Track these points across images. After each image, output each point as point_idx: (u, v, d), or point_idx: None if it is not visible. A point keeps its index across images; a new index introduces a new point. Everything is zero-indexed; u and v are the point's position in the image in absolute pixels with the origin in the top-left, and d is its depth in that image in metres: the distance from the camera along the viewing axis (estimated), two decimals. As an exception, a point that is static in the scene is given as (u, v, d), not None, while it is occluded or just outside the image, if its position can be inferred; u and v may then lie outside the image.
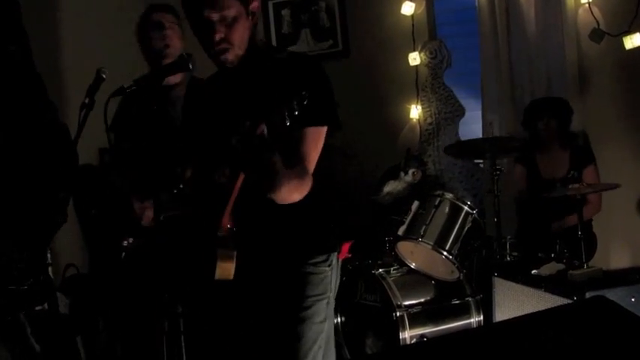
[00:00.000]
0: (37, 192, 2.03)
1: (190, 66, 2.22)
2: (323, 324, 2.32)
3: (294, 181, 2.13)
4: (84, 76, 2.62)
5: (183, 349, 2.37)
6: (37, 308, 2.22)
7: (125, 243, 3.01)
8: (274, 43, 5.31)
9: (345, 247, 2.42)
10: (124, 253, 2.95)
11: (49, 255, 2.21)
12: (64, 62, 4.71)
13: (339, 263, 2.43)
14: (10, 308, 2.04)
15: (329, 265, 2.33)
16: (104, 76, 2.47)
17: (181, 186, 2.63)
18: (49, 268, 2.28)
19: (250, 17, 2.25)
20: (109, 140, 2.16)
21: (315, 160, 2.22)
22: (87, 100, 2.41)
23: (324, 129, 2.23)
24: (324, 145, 2.28)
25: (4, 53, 1.96)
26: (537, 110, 4.36)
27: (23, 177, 2.00)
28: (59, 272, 4.20)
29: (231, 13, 2.18)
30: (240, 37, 2.22)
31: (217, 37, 2.19)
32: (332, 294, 2.36)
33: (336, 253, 2.37)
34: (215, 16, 2.18)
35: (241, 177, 2.10)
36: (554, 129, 4.31)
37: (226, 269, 2.14)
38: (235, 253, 2.14)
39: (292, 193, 2.15)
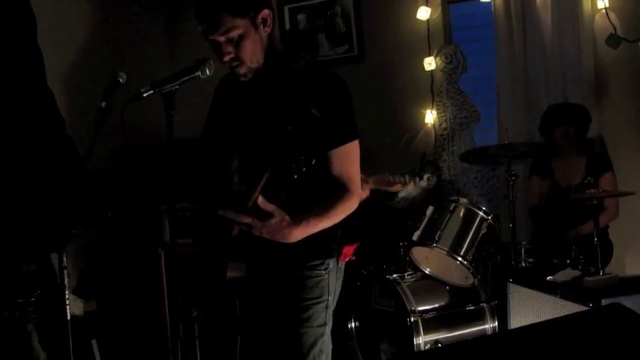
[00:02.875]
0: (44, 206, 2.04)
1: (208, 71, 2.21)
2: (322, 327, 2.33)
3: (327, 216, 2.24)
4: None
5: (198, 353, 2.38)
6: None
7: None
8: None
9: (349, 249, 2.43)
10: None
11: (65, 258, 2.21)
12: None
13: (341, 266, 2.44)
14: (18, 320, 2.05)
15: (325, 269, 2.34)
16: (121, 80, 2.48)
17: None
18: (65, 272, 2.29)
19: (261, 27, 2.26)
20: (125, 143, 2.15)
21: (356, 173, 2.28)
22: (104, 104, 2.41)
23: (354, 143, 2.28)
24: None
25: (14, 73, 1.96)
26: (555, 117, 4.34)
27: (30, 192, 2.00)
28: (74, 275, 4.22)
29: (235, 32, 2.20)
30: (250, 52, 2.24)
31: (226, 58, 2.24)
32: (331, 297, 2.37)
33: (334, 258, 2.38)
34: (221, 39, 2.21)
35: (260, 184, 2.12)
36: (571, 137, 4.29)
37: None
38: (244, 265, 2.17)
39: (334, 219, 2.27)
